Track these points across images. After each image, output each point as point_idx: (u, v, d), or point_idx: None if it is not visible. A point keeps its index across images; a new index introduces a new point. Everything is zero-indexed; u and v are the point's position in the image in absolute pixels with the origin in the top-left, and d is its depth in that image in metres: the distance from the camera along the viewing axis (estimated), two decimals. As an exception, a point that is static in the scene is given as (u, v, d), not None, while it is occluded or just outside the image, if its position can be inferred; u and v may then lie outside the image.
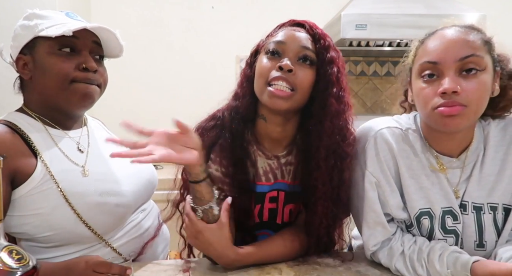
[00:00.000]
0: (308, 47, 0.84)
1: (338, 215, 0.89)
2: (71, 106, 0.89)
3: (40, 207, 0.80)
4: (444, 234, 0.85)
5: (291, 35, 0.85)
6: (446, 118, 0.76)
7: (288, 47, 0.84)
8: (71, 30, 0.82)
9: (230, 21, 2.55)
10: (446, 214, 0.85)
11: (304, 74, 0.83)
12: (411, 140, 0.88)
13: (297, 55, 0.84)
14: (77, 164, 0.87)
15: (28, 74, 0.87)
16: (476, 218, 0.84)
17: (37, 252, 0.84)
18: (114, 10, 2.48)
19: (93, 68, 0.88)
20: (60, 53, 0.85)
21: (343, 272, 0.87)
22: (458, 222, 0.84)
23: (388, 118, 0.94)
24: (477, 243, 0.85)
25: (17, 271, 0.55)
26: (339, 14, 2.07)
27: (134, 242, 0.93)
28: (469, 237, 0.85)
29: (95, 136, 0.98)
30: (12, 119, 0.85)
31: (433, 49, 0.80)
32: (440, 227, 0.85)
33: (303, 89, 0.83)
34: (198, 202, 0.82)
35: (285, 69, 0.81)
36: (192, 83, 2.54)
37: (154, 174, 1.05)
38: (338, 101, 0.85)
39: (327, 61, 0.84)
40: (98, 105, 0.96)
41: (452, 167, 0.86)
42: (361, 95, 2.69)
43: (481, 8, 2.15)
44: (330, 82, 0.84)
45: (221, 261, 0.84)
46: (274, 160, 0.93)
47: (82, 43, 0.87)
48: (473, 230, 0.84)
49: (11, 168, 0.77)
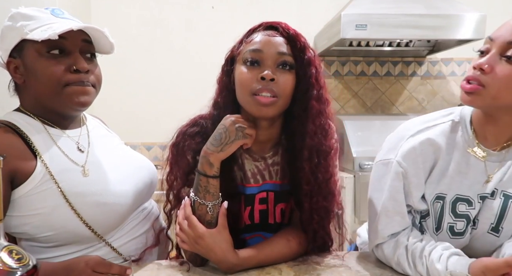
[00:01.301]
0: (285, 52, 0.84)
1: (329, 207, 0.89)
2: (67, 109, 0.88)
3: (40, 207, 0.80)
4: (455, 218, 0.86)
5: (267, 41, 0.85)
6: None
7: (265, 55, 0.84)
8: (56, 34, 0.79)
9: (230, 21, 2.55)
10: (459, 201, 0.86)
11: (285, 80, 0.84)
12: (459, 131, 0.88)
13: (275, 62, 0.84)
14: (77, 164, 0.87)
15: (20, 78, 0.86)
16: (502, 204, 0.85)
17: (37, 252, 0.84)
18: (114, 10, 2.48)
19: (85, 69, 0.85)
20: (49, 55, 0.83)
21: (343, 272, 0.87)
22: (473, 208, 0.85)
23: (424, 119, 0.92)
24: (492, 226, 0.85)
25: (17, 271, 0.54)
26: (339, 14, 2.07)
27: (134, 242, 0.93)
28: (487, 219, 0.86)
29: (95, 135, 0.97)
30: (11, 119, 0.85)
31: None
32: (450, 211, 0.86)
33: (286, 95, 0.85)
34: (209, 198, 0.82)
35: (267, 79, 0.82)
36: (192, 83, 2.54)
37: (154, 172, 1.04)
38: (318, 101, 0.87)
39: (305, 63, 0.85)
40: (98, 105, 0.96)
41: (492, 160, 0.86)
42: (361, 95, 2.69)
43: (481, 8, 2.15)
44: (310, 84, 0.86)
45: (222, 266, 0.84)
46: (261, 162, 0.94)
47: (71, 44, 0.85)
48: (494, 213, 0.85)
49: (11, 168, 0.77)
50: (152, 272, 0.87)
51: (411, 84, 2.71)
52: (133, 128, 2.41)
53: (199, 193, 0.83)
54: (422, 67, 2.70)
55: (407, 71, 2.70)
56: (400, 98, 2.71)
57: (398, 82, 2.71)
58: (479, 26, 2.07)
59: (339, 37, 2.05)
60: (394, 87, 2.71)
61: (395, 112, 2.70)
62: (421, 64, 2.70)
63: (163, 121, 2.53)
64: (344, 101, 2.68)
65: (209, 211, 0.82)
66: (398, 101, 2.71)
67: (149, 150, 2.55)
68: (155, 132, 2.52)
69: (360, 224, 1.86)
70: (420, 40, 2.36)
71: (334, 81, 2.67)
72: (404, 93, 2.71)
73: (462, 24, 2.07)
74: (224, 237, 0.82)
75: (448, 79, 2.72)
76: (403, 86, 2.71)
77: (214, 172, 0.82)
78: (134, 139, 2.43)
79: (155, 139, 2.54)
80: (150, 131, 2.52)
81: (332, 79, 2.66)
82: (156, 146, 2.56)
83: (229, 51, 0.93)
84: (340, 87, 2.68)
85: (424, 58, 2.69)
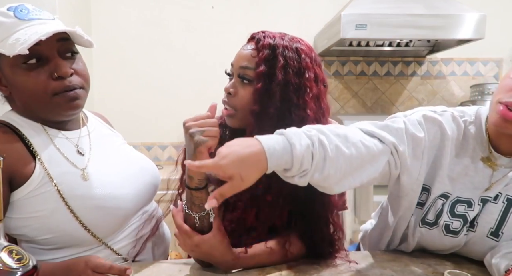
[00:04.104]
0: (245, 66, 0.85)
1: (327, 212, 0.88)
2: (59, 116, 0.86)
3: (39, 209, 0.80)
4: (451, 217, 0.86)
5: (237, 55, 0.88)
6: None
7: (234, 69, 0.89)
8: (25, 48, 0.73)
9: (230, 21, 2.55)
10: (460, 202, 0.86)
11: (244, 94, 0.86)
12: (471, 132, 0.88)
13: (238, 75, 0.87)
14: (76, 166, 0.85)
15: (6, 91, 0.83)
16: (504, 208, 0.84)
17: (37, 253, 0.83)
18: (114, 10, 2.48)
19: (67, 74, 0.81)
20: (26, 67, 0.78)
21: (343, 272, 0.87)
22: (472, 210, 0.85)
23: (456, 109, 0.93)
24: (492, 231, 0.85)
25: (17, 271, 0.54)
26: (339, 14, 2.07)
27: (135, 244, 0.92)
28: (487, 223, 0.85)
29: (96, 136, 0.95)
30: (9, 119, 0.84)
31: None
32: (448, 211, 0.87)
33: (243, 107, 0.86)
34: (196, 209, 0.80)
35: (226, 93, 0.88)
36: (192, 83, 2.54)
37: (157, 175, 1.02)
38: (298, 109, 0.82)
39: (275, 72, 0.81)
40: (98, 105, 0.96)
41: (503, 165, 0.86)
42: (361, 95, 2.69)
43: (481, 8, 2.14)
44: (274, 94, 0.81)
45: (221, 266, 0.85)
46: None
47: (46, 48, 0.79)
48: (495, 218, 0.84)
49: (10, 170, 0.76)
50: (152, 272, 0.87)
51: (411, 84, 2.71)
52: (133, 128, 2.40)
53: (188, 203, 0.82)
54: (422, 67, 2.70)
55: (407, 71, 2.70)
56: (400, 98, 2.71)
57: (398, 82, 2.71)
58: (479, 26, 2.07)
59: (339, 37, 2.05)
60: (394, 87, 2.71)
61: (395, 112, 2.68)
62: (421, 64, 2.70)
63: (163, 121, 2.53)
64: (344, 101, 2.68)
65: (196, 222, 0.81)
66: (398, 101, 2.71)
67: (149, 150, 2.55)
68: (155, 132, 2.53)
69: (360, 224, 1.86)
70: (420, 40, 2.36)
71: (334, 81, 2.66)
72: (404, 93, 2.71)
73: (462, 24, 2.07)
74: (219, 240, 0.81)
75: (448, 79, 2.71)
76: (403, 86, 2.71)
77: (195, 184, 0.79)
78: (134, 139, 2.43)
79: (155, 139, 2.53)
80: (150, 131, 2.52)
81: (332, 79, 2.66)
82: (156, 146, 2.55)
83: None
84: (340, 87, 2.68)
85: (424, 58, 2.69)
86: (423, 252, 0.98)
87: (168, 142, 2.53)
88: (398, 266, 0.90)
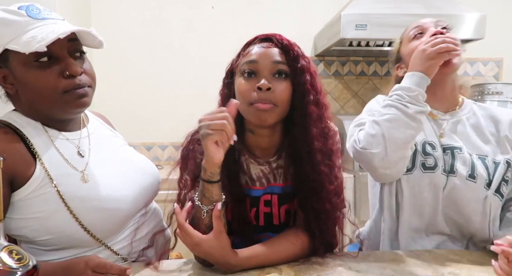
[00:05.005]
0: (279, 60, 0.87)
1: (333, 209, 0.91)
2: (66, 114, 0.87)
3: (39, 210, 0.80)
4: (424, 156, 1.04)
5: (262, 52, 0.87)
6: None
7: (261, 65, 0.86)
8: (43, 46, 0.75)
9: (230, 21, 2.55)
10: (426, 143, 1.05)
11: (282, 88, 0.86)
12: None
13: (271, 71, 0.86)
14: (76, 168, 0.85)
15: (12, 88, 0.83)
16: (470, 157, 1.02)
17: (37, 254, 0.83)
18: (114, 10, 2.48)
19: (78, 73, 0.83)
20: (38, 65, 0.80)
21: (343, 272, 0.87)
22: (436, 151, 1.04)
23: None
24: (469, 174, 1.01)
25: (17, 271, 0.54)
26: (339, 14, 2.07)
27: (135, 245, 0.92)
28: (462, 169, 1.01)
29: (96, 138, 0.95)
30: (10, 120, 0.84)
31: None
32: (421, 152, 1.04)
33: (283, 102, 0.87)
34: (206, 202, 0.82)
35: (264, 89, 0.84)
36: (192, 83, 2.54)
37: (157, 176, 1.02)
38: (317, 106, 0.89)
39: (299, 71, 0.87)
40: (98, 105, 0.95)
41: (441, 119, 1.09)
42: (361, 95, 2.69)
43: (481, 8, 2.15)
44: (306, 91, 0.88)
45: (222, 268, 0.85)
46: (266, 166, 0.97)
47: (58, 48, 0.81)
48: (468, 164, 1.02)
49: (10, 171, 0.76)
50: (152, 272, 0.87)
51: (411, 84, 2.71)
52: (133, 128, 2.40)
53: (199, 195, 0.83)
54: (422, 67, 2.70)
55: (407, 71, 2.70)
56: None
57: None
58: (479, 26, 2.07)
59: (339, 37, 2.05)
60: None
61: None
62: (421, 64, 2.70)
63: (163, 121, 2.53)
64: (344, 101, 2.68)
65: (203, 215, 0.82)
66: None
67: (149, 150, 2.55)
68: (155, 132, 2.53)
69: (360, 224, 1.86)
70: (420, 40, 2.36)
71: (334, 81, 2.67)
72: (404, 93, 2.71)
73: (462, 24, 2.07)
74: (220, 241, 0.82)
75: (448, 79, 2.71)
76: (403, 86, 2.71)
77: (207, 176, 0.81)
78: (134, 139, 2.43)
79: (155, 139, 2.53)
80: (150, 131, 2.52)
81: (332, 79, 2.66)
82: (156, 146, 2.55)
83: (228, 65, 0.96)
84: (340, 87, 2.68)
85: (424, 58, 2.69)
86: (423, 252, 0.98)
87: (168, 142, 2.53)
88: (398, 266, 0.91)
